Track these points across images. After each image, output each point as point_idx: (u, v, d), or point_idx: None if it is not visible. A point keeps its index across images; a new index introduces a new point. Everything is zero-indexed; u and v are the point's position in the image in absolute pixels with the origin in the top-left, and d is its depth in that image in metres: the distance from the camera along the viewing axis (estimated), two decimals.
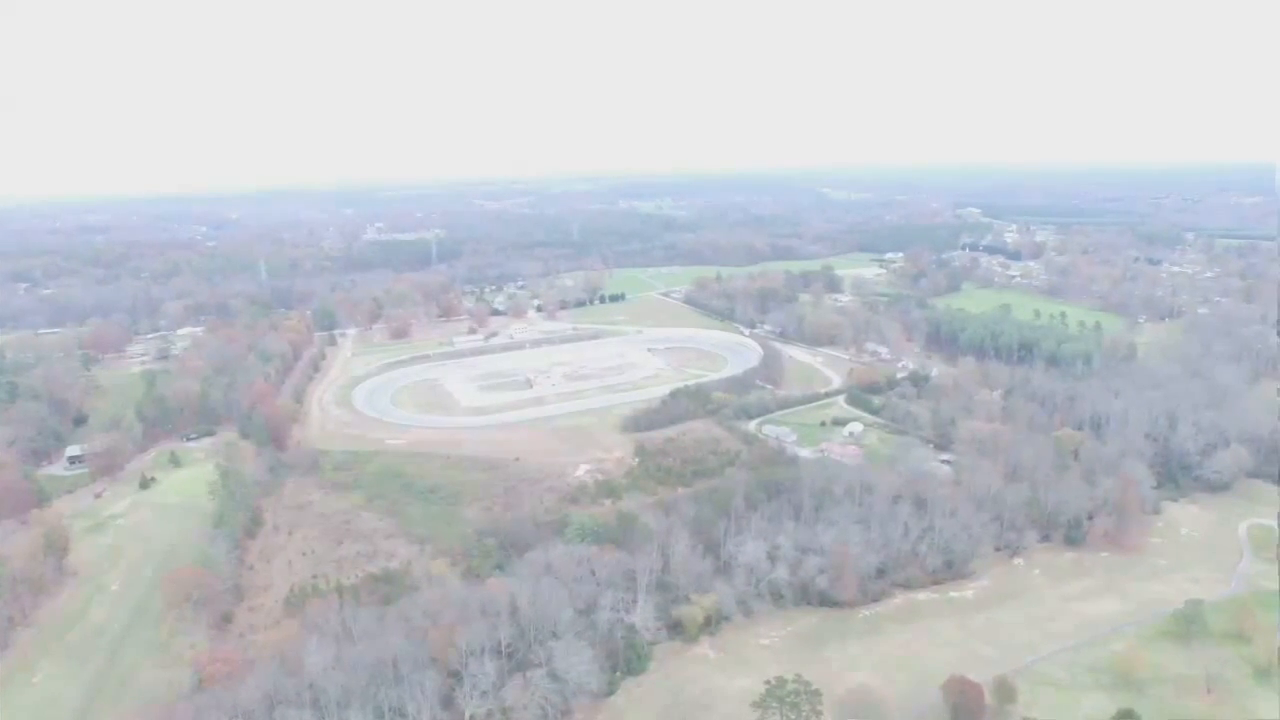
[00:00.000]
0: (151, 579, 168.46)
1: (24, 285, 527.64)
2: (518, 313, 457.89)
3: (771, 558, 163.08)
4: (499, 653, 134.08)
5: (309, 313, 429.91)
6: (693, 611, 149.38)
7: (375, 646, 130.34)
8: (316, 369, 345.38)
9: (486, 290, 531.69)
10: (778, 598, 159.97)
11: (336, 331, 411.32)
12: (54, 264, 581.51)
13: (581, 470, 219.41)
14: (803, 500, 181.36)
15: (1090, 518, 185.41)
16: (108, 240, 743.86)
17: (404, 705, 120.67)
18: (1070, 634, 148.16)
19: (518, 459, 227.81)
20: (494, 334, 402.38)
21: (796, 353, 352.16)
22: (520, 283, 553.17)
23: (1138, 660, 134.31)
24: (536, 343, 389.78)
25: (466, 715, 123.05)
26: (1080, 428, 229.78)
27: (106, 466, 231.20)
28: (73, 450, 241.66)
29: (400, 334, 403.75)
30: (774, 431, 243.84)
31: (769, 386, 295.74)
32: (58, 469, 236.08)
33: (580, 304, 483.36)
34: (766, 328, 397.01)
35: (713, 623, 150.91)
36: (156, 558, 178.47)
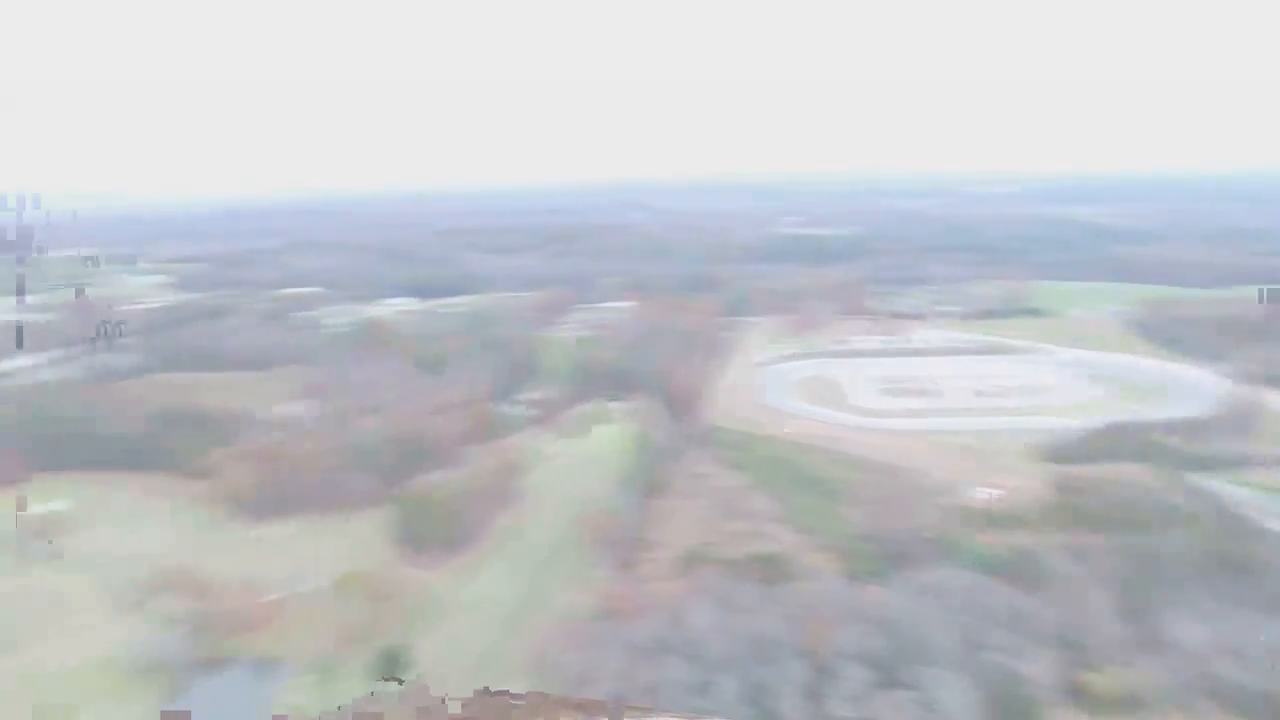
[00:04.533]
0: (572, 517, 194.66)
1: (497, 256, 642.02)
2: (924, 318, 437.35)
3: (1227, 651, 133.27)
4: (871, 663, 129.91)
5: (720, 298, 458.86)
6: (1104, 681, 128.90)
7: (754, 622, 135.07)
8: (722, 352, 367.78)
9: (893, 292, 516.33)
10: (1227, 701, 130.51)
11: (744, 319, 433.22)
12: (520, 241, 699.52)
13: (980, 493, 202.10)
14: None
15: None
16: (563, 222, 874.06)
17: (768, 684, 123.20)
18: None
19: (909, 468, 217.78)
20: (897, 337, 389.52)
21: None
22: (929, 287, 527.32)
23: None
24: (941, 351, 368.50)
25: (835, 715, 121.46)
26: None
27: (544, 415, 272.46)
28: (520, 397, 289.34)
29: (804, 328, 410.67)
30: (1238, 494, 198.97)
31: (1235, 437, 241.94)
32: (508, 411, 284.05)
33: (994, 315, 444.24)
34: (1239, 365, 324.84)
35: (1128, 705, 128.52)
36: (577, 499, 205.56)
